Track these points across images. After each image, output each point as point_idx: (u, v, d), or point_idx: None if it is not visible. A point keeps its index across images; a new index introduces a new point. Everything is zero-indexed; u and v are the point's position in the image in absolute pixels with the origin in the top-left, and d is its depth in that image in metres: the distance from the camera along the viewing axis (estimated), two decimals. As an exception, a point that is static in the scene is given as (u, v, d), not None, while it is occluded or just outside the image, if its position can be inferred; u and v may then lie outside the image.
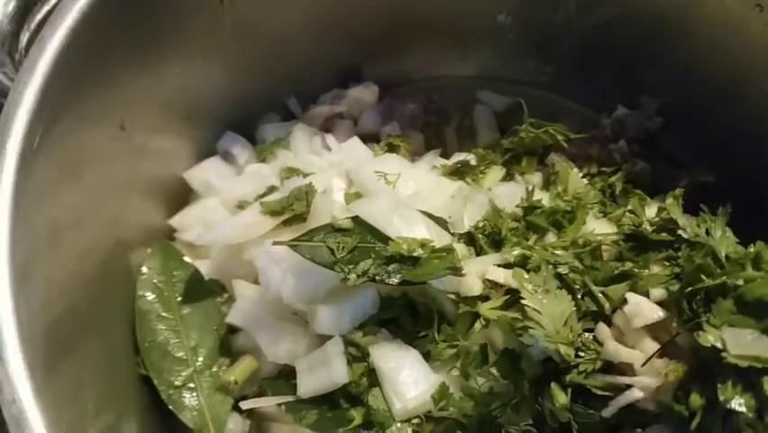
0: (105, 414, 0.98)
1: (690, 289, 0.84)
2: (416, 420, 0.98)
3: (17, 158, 0.84)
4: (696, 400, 0.83)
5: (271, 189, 1.21)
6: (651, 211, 1.02)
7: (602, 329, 0.92)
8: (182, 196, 1.30)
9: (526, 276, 0.95)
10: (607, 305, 0.93)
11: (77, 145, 0.98)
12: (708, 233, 0.90)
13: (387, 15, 1.41)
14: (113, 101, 1.05)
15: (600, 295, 0.93)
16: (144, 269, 1.16)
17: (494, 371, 0.97)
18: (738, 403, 0.78)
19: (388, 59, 1.48)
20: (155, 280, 1.16)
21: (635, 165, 1.26)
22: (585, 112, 1.43)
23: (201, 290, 1.16)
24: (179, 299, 1.14)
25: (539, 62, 1.46)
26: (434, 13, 1.42)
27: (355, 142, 1.33)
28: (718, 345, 0.79)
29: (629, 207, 1.02)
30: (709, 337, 0.80)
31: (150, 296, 1.14)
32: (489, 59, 1.50)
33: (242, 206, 1.21)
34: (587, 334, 0.93)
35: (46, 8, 1.19)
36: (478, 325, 0.99)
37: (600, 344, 0.91)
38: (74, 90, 0.95)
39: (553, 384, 0.92)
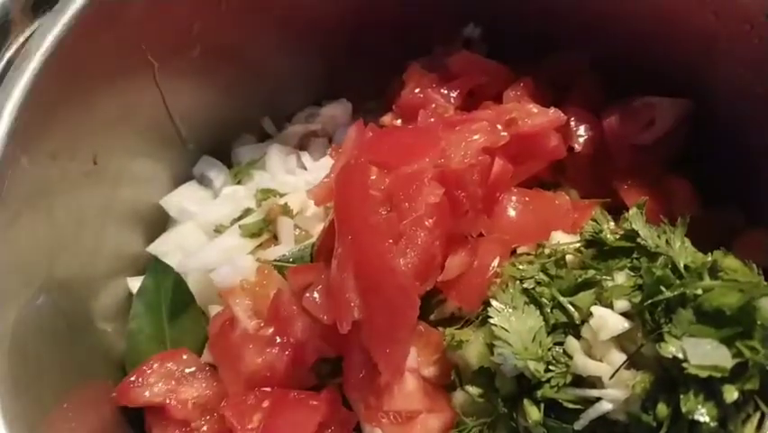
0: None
1: (650, 301, 0.85)
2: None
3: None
4: (662, 410, 0.84)
5: (247, 212, 1.25)
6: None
7: (571, 343, 0.93)
8: (161, 222, 1.33)
9: (494, 294, 0.97)
10: (576, 314, 0.94)
11: (47, 184, 1.00)
12: (667, 243, 0.91)
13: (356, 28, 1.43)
14: (83, 135, 1.07)
15: (569, 306, 0.95)
16: (138, 289, 1.19)
17: (470, 390, 0.99)
18: (701, 414, 0.79)
19: (360, 73, 1.49)
20: (147, 300, 1.18)
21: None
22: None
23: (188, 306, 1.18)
24: (168, 317, 1.16)
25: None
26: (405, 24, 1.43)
27: (330, 160, 1.34)
28: (680, 355, 0.81)
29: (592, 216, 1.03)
30: (671, 348, 0.81)
31: (142, 316, 1.17)
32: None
33: (218, 230, 1.23)
34: (557, 347, 0.94)
35: (21, 38, 1.21)
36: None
37: (570, 357, 0.93)
38: (45, 126, 0.97)
39: (525, 400, 0.93)
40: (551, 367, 0.92)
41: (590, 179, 1.34)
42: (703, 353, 0.80)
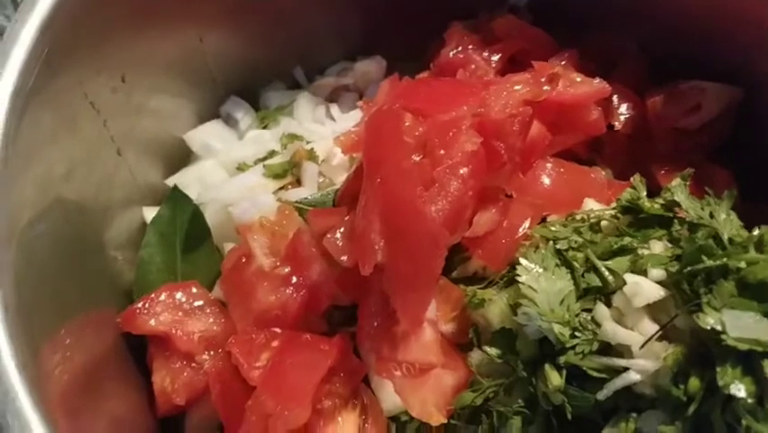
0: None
1: (689, 269, 0.81)
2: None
3: (10, 97, 0.84)
4: (695, 384, 0.80)
5: (271, 154, 1.22)
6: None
7: (601, 309, 0.89)
8: (180, 158, 1.30)
9: (524, 253, 0.93)
10: (610, 278, 0.90)
11: (74, 90, 0.98)
12: (711, 216, 0.87)
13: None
14: (115, 52, 1.05)
15: (604, 269, 0.90)
16: (154, 217, 1.17)
17: (489, 350, 0.95)
18: (738, 388, 0.75)
19: (398, 34, 1.45)
20: (162, 229, 1.16)
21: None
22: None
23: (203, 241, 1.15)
24: (181, 249, 1.13)
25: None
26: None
27: (360, 113, 1.31)
28: (718, 327, 0.77)
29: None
30: (709, 319, 0.77)
31: (154, 245, 1.14)
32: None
33: (241, 168, 1.21)
34: (585, 314, 0.90)
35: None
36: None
37: (598, 325, 0.89)
38: (75, 34, 0.95)
39: (547, 365, 0.89)
40: (576, 333, 0.88)
41: (627, 160, 1.30)
42: (744, 325, 0.76)
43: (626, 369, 0.85)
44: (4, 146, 0.82)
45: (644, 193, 0.96)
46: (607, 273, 0.89)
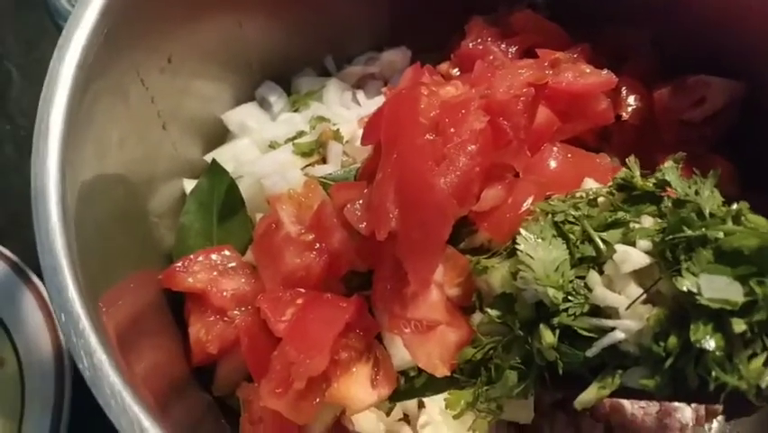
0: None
1: (672, 237, 0.89)
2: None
3: (73, 72, 0.96)
4: (673, 342, 0.88)
5: (301, 134, 1.32)
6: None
7: (593, 276, 0.97)
8: (218, 136, 1.41)
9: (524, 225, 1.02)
10: (603, 248, 0.97)
11: (128, 68, 1.09)
12: (696, 193, 0.95)
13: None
14: (162, 34, 1.16)
15: (598, 239, 0.99)
16: (194, 187, 1.28)
17: (490, 311, 1.04)
18: (708, 343, 0.83)
19: (423, 26, 1.54)
20: (201, 198, 1.27)
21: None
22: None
23: (237, 210, 1.26)
24: (218, 217, 1.24)
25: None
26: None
27: (383, 98, 1.40)
28: (694, 289, 0.84)
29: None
30: (686, 282, 0.85)
31: (193, 213, 1.25)
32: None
33: (272, 146, 1.31)
34: (578, 280, 0.98)
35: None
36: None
37: (590, 290, 0.97)
38: (128, 17, 1.06)
39: (541, 325, 0.97)
40: (570, 297, 0.96)
41: (633, 149, 1.34)
42: (716, 287, 0.83)
43: (612, 329, 0.93)
44: (67, 114, 0.94)
45: (638, 172, 1.04)
46: (600, 243, 0.98)
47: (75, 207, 0.95)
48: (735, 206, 0.92)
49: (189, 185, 1.30)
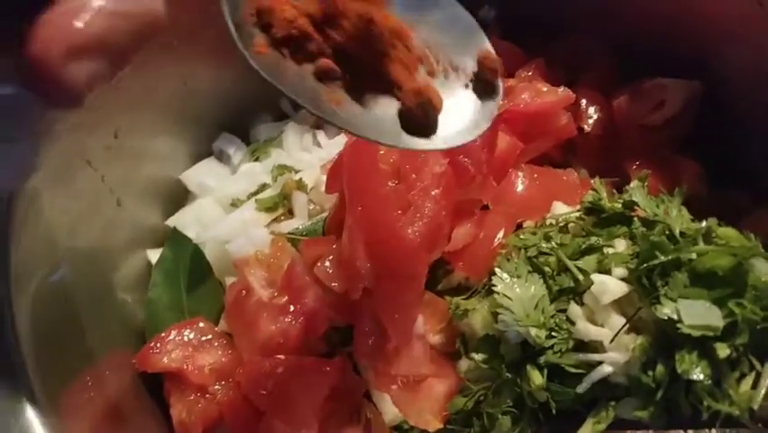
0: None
1: (645, 265, 0.88)
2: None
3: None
4: (661, 371, 0.86)
5: (263, 187, 1.29)
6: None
7: (574, 309, 0.96)
8: (179, 197, 1.38)
9: (499, 263, 1.00)
10: (581, 277, 0.96)
11: (70, 153, 1.05)
12: (665, 212, 0.94)
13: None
14: (105, 110, 1.11)
15: (574, 269, 0.97)
16: (158, 259, 1.23)
17: (476, 356, 1.02)
18: (696, 373, 0.82)
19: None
20: (166, 269, 1.22)
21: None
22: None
23: (205, 278, 1.22)
24: (186, 287, 1.20)
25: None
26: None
27: (344, 138, 1.37)
28: (674, 316, 0.84)
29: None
30: (666, 310, 0.84)
31: (161, 286, 1.21)
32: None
33: (235, 204, 1.28)
34: (560, 315, 0.97)
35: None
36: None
37: (572, 323, 0.95)
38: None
39: (528, 366, 0.96)
40: (553, 334, 0.95)
41: (600, 158, 1.36)
42: (696, 313, 0.82)
43: (600, 362, 0.92)
44: (12, 214, 0.91)
45: (604, 193, 1.03)
46: (577, 273, 0.96)
47: (32, 305, 0.91)
48: (704, 223, 0.91)
49: (154, 255, 1.26)
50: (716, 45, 1.28)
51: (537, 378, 0.94)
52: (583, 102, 1.36)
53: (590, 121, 1.36)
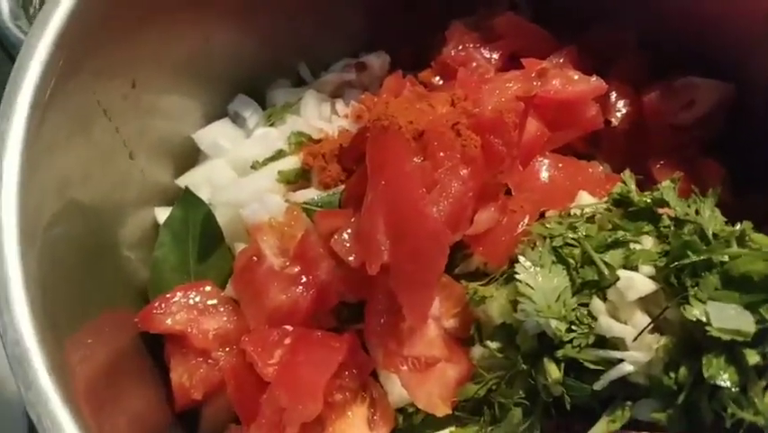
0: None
1: (676, 264, 0.85)
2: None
3: (28, 109, 0.88)
4: (684, 374, 0.84)
5: (279, 153, 1.24)
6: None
7: (596, 304, 0.93)
8: (190, 157, 1.34)
9: (522, 251, 0.97)
10: (606, 271, 0.93)
11: (88, 100, 1.02)
12: (697, 213, 0.91)
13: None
14: (125, 59, 1.08)
15: (600, 262, 0.94)
16: (167, 218, 1.20)
17: (490, 344, 0.99)
18: (723, 379, 0.80)
19: (401, 29, 1.48)
20: (175, 230, 1.19)
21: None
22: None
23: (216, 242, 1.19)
24: (195, 250, 1.17)
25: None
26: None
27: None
28: (703, 318, 0.81)
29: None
30: (695, 311, 0.82)
31: (168, 246, 1.18)
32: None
33: (254, 166, 1.25)
34: (581, 308, 0.94)
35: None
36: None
37: (594, 318, 0.93)
38: (87, 45, 0.98)
39: (545, 359, 0.93)
40: (573, 328, 0.92)
41: (624, 154, 1.33)
42: (727, 317, 0.80)
43: (620, 360, 0.89)
44: (24, 154, 0.87)
45: (634, 186, 1.00)
46: (603, 266, 0.93)
47: (38, 252, 0.87)
48: (738, 225, 0.88)
49: (162, 214, 1.22)
50: (749, 49, 1.25)
51: (555, 372, 0.91)
52: (613, 95, 1.33)
53: (618, 115, 1.32)
